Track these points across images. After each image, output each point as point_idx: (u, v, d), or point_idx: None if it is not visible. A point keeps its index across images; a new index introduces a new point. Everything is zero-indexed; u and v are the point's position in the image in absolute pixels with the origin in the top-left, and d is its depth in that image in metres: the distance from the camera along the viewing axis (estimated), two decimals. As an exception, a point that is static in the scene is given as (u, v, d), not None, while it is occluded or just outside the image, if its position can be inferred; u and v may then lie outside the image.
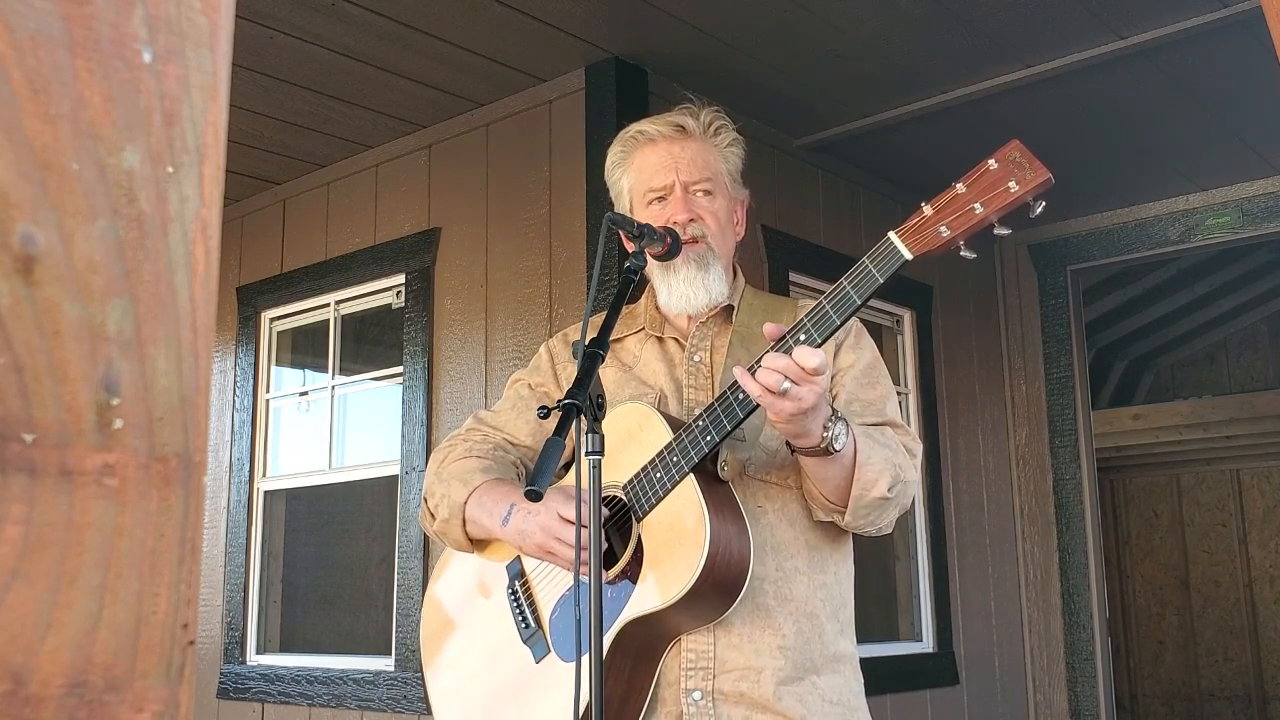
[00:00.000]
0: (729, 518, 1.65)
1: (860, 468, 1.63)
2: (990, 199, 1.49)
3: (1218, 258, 6.56)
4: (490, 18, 3.20)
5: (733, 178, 1.91)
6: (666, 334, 1.90)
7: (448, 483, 1.87)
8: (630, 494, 1.71)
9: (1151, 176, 4.57)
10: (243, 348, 4.48)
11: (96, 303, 0.48)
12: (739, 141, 1.93)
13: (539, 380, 1.99)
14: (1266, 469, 7.88)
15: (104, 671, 0.48)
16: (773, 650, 1.69)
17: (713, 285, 1.83)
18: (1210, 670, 7.98)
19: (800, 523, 1.75)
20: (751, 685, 1.67)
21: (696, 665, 1.69)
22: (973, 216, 1.50)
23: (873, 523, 1.71)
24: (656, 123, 1.90)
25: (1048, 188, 1.47)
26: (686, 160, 1.85)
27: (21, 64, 0.46)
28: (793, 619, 1.71)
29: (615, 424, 1.76)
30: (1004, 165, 1.49)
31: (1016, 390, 5.03)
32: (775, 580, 1.72)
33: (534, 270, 3.58)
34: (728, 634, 1.69)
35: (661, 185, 1.86)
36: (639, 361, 1.90)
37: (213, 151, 0.53)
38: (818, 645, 1.73)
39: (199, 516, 0.52)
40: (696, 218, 1.83)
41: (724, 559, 1.61)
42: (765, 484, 1.75)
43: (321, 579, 4.50)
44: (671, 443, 1.67)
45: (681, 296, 1.83)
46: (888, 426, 1.77)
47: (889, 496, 1.65)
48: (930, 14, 3.23)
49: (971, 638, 4.60)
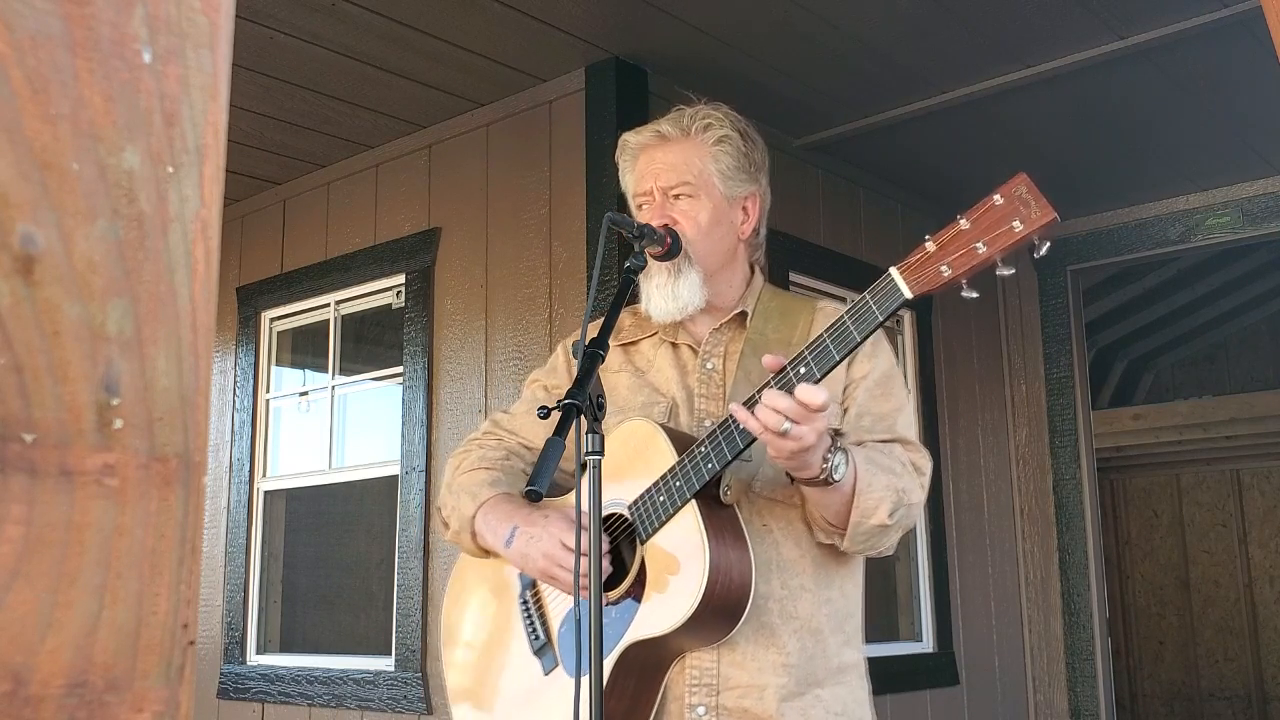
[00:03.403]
0: (730, 543, 1.64)
1: (859, 495, 1.61)
2: (994, 238, 1.44)
3: (1218, 258, 6.55)
4: (490, 18, 3.20)
5: (725, 176, 1.84)
6: (680, 339, 1.87)
7: (457, 495, 1.88)
8: (635, 515, 1.71)
9: (1151, 176, 4.57)
10: (243, 348, 4.48)
11: (96, 303, 0.48)
12: (731, 138, 1.86)
13: (555, 382, 1.98)
14: (1266, 469, 7.88)
15: (104, 671, 0.48)
16: (776, 668, 1.68)
17: (683, 292, 1.78)
18: (1210, 670, 7.97)
19: (805, 540, 1.74)
20: (755, 702, 1.68)
21: (700, 682, 1.69)
22: (975, 256, 1.45)
23: (873, 546, 1.70)
24: (641, 132, 1.89)
25: (1053, 227, 1.42)
26: (665, 165, 1.83)
27: (21, 64, 0.46)
28: (796, 636, 1.71)
29: (623, 440, 1.76)
30: (1009, 201, 1.44)
31: (1016, 390, 5.03)
32: (780, 599, 1.71)
33: (534, 270, 3.58)
34: (731, 652, 1.69)
35: (643, 192, 1.86)
36: (652, 367, 1.88)
37: (213, 151, 0.53)
38: (821, 660, 1.72)
39: (199, 516, 0.52)
40: (671, 222, 1.79)
41: (724, 586, 1.61)
42: (772, 501, 1.73)
43: (321, 579, 4.50)
44: (675, 467, 1.66)
45: (654, 305, 1.81)
46: (897, 444, 1.74)
47: (889, 524, 1.63)
48: (930, 14, 3.23)
49: (971, 638, 4.60)
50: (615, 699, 1.66)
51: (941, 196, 4.35)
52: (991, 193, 1.45)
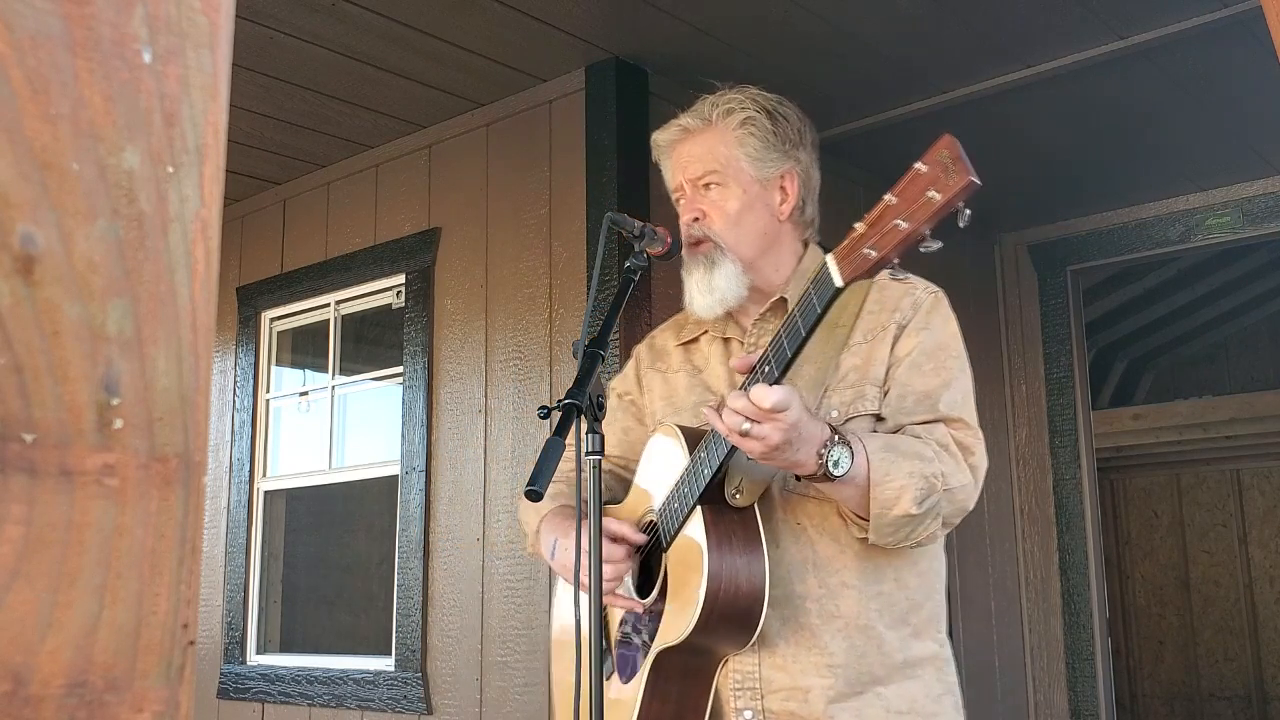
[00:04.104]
0: (737, 549, 1.60)
1: (875, 487, 1.53)
2: (913, 211, 1.34)
3: (1218, 258, 6.55)
4: (490, 18, 3.20)
5: (754, 158, 1.79)
6: (730, 334, 1.84)
7: (526, 510, 1.90)
8: (660, 520, 1.71)
9: (1151, 176, 4.57)
10: (243, 348, 4.48)
11: (96, 303, 0.48)
12: (754, 119, 1.80)
13: (626, 389, 1.97)
14: (1266, 469, 7.88)
15: (104, 671, 0.48)
16: (819, 669, 1.63)
17: (719, 284, 1.74)
18: (1210, 670, 7.97)
19: (844, 536, 1.66)
20: (800, 704, 1.63)
21: (744, 686, 1.66)
22: (898, 233, 1.36)
23: (906, 539, 1.59)
24: (667, 129, 1.87)
25: (971, 192, 1.30)
26: (691, 158, 1.81)
27: (22, 64, 0.46)
28: (842, 635, 1.64)
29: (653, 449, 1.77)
30: (931, 168, 1.34)
31: (1016, 390, 5.03)
32: (819, 598, 1.65)
33: (534, 270, 3.58)
34: (772, 654, 1.65)
35: (675, 188, 1.85)
36: (708, 365, 1.86)
37: (213, 151, 0.53)
38: (877, 657, 1.65)
39: (199, 516, 0.52)
40: (700, 215, 1.77)
41: (728, 594, 1.58)
42: (804, 498, 1.67)
43: (321, 579, 4.50)
44: (683, 473, 1.66)
45: (693, 300, 1.78)
46: (940, 424, 1.64)
47: (916, 513, 1.54)
48: (930, 14, 3.23)
49: (971, 638, 4.60)
50: (660, 701, 1.66)
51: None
52: (915, 161, 1.36)
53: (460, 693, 3.55)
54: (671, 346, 1.93)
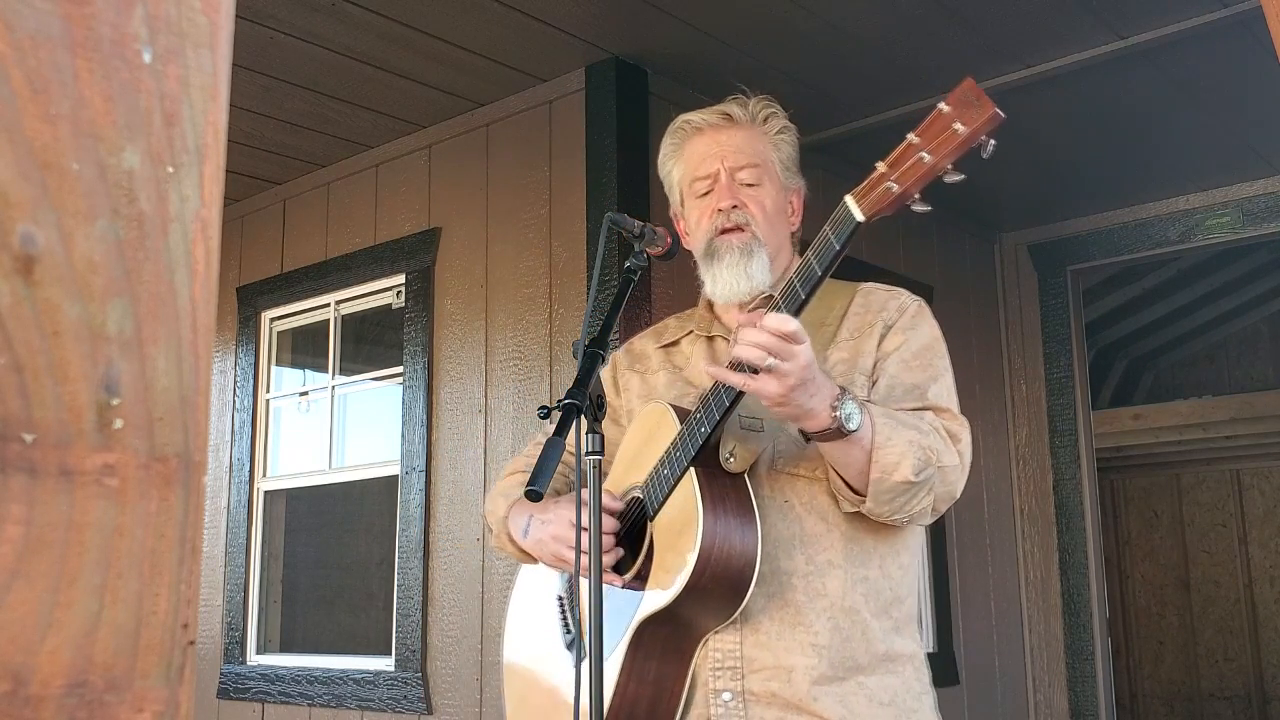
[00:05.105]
0: (731, 510, 1.60)
1: (878, 450, 1.52)
2: (938, 144, 1.40)
3: (1218, 258, 6.55)
4: (490, 18, 3.20)
5: (785, 166, 1.84)
6: (715, 332, 1.85)
7: (494, 500, 1.90)
8: (645, 493, 1.70)
9: (1151, 176, 4.57)
10: (243, 348, 4.48)
11: (96, 303, 0.48)
12: (790, 130, 1.87)
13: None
14: (1266, 469, 7.88)
15: (104, 671, 0.48)
16: (804, 648, 1.62)
17: (755, 273, 1.74)
18: (1210, 670, 7.97)
19: (832, 515, 1.66)
20: (783, 685, 1.61)
21: (724, 665, 1.64)
22: (921, 166, 1.41)
23: (900, 509, 1.58)
24: (704, 112, 1.86)
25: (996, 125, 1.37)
26: (733, 147, 1.81)
27: (21, 64, 0.46)
28: (827, 615, 1.63)
29: (641, 425, 1.77)
30: (955, 107, 1.39)
31: (1016, 390, 5.03)
32: (805, 575, 1.64)
33: (534, 270, 3.58)
34: (755, 632, 1.63)
35: (708, 173, 1.82)
36: (689, 363, 1.87)
37: (213, 151, 0.53)
38: (861, 643, 1.64)
39: (199, 516, 0.52)
40: (740, 204, 1.78)
41: (722, 553, 1.57)
42: (793, 477, 1.68)
43: (321, 579, 4.50)
44: (675, 439, 1.65)
45: (725, 285, 1.77)
46: (929, 411, 1.65)
47: (915, 480, 1.53)
48: (930, 14, 3.23)
49: (971, 638, 4.60)
50: (637, 683, 1.63)
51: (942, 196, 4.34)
52: (939, 101, 1.41)
53: (460, 693, 3.55)
54: (651, 350, 1.95)
